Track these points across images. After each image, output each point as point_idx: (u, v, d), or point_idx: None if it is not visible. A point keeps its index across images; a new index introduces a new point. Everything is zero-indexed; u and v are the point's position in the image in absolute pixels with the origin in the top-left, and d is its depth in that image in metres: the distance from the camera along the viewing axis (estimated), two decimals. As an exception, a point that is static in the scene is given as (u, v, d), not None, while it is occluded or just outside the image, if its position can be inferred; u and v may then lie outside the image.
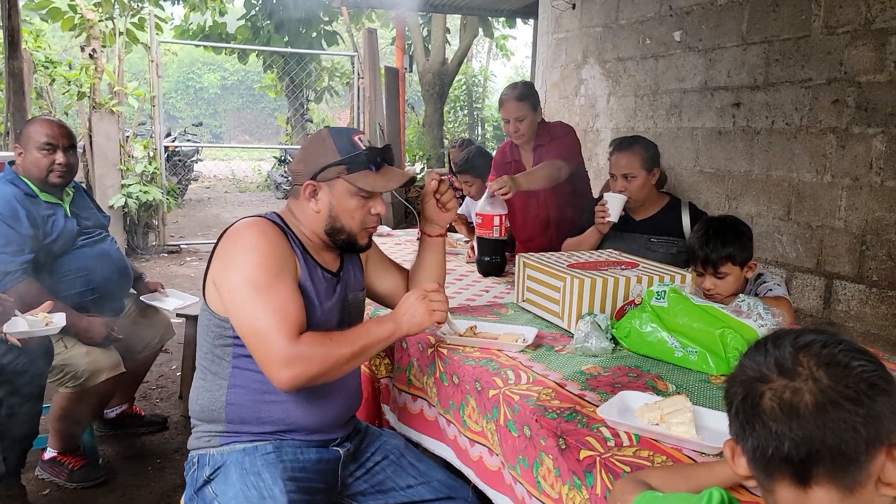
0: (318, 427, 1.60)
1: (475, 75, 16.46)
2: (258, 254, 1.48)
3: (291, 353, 1.40)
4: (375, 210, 1.61)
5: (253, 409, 1.54)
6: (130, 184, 6.32)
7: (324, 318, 1.58)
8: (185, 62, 23.41)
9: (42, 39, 6.81)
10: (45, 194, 2.55)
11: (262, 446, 1.54)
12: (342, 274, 1.68)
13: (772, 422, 0.77)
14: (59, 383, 2.46)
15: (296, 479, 1.52)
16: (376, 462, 1.70)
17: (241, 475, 1.49)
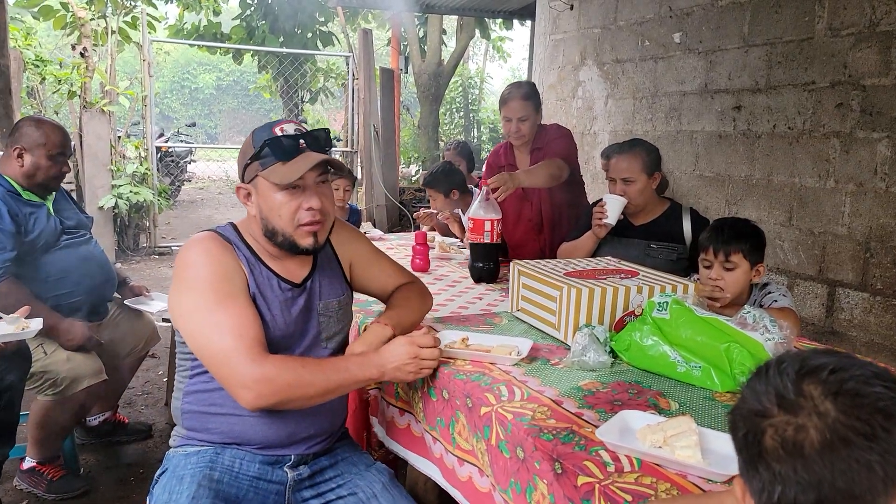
0: (264, 443, 1.52)
1: (471, 77, 16.40)
2: (203, 274, 1.43)
3: (255, 374, 1.35)
4: (307, 205, 1.46)
5: (202, 418, 1.52)
6: (121, 184, 6.23)
7: (280, 331, 1.50)
8: (180, 62, 23.30)
9: (33, 37, 6.71)
10: (28, 193, 2.48)
11: (203, 451, 1.51)
12: (308, 283, 1.58)
13: (775, 462, 0.68)
14: (38, 391, 2.38)
15: (220, 491, 1.44)
16: (340, 496, 1.57)
17: (169, 479, 1.46)
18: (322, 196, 1.50)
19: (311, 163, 1.44)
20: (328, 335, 1.59)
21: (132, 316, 2.86)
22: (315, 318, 1.57)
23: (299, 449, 1.56)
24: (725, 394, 1.46)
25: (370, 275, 1.77)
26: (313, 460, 1.61)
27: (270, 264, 1.54)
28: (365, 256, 1.77)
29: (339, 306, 1.63)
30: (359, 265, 1.76)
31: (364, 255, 1.77)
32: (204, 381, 1.51)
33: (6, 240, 2.34)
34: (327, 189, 1.53)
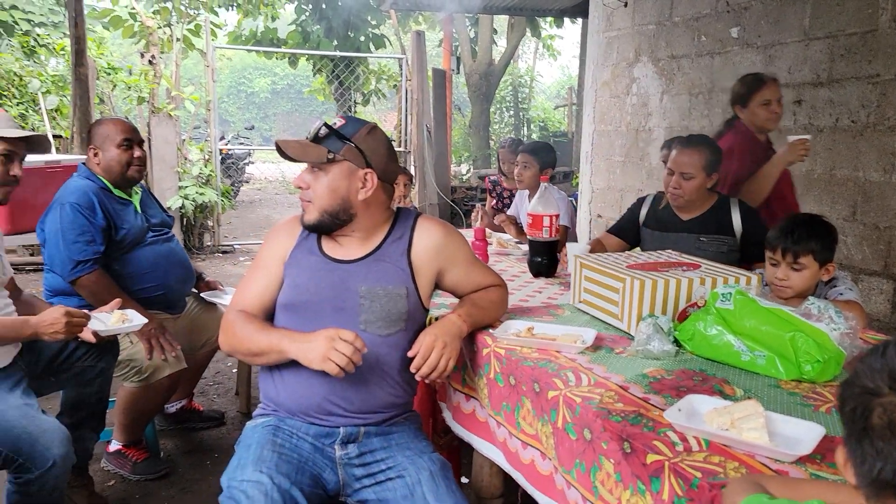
0: (299, 409, 1.66)
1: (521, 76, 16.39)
2: (261, 247, 1.82)
3: (224, 320, 1.72)
4: (296, 182, 1.73)
5: (263, 384, 1.76)
6: (187, 186, 6.49)
7: (305, 294, 1.68)
8: (237, 67, 23.94)
9: (104, 47, 7.04)
10: (118, 190, 2.65)
11: (267, 421, 1.69)
12: (353, 264, 1.70)
13: (880, 440, 0.70)
14: (124, 378, 2.53)
15: (283, 454, 1.58)
16: (388, 477, 1.64)
17: (239, 447, 1.65)
18: (308, 178, 1.67)
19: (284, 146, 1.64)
20: (368, 319, 1.65)
21: (207, 309, 3.01)
22: (354, 299, 1.66)
23: (344, 422, 1.65)
24: (790, 382, 1.49)
25: (459, 281, 1.83)
26: (364, 438, 1.67)
27: (325, 241, 1.74)
28: (461, 264, 1.81)
29: (385, 294, 1.67)
30: (449, 270, 1.79)
31: (456, 262, 1.80)
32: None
33: (97, 234, 2.50)
34: (318, 175, 1.66)
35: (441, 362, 1.61)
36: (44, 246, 2.56)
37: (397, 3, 7.74)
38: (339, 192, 1.65)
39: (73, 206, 2.47)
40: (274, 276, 1.73)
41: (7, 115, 2.15)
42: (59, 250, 2.47)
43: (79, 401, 2.31)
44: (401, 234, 1.75)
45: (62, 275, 2.49)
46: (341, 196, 1.65)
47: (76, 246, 2.46)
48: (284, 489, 1.47)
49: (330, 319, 1.64)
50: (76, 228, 2.46)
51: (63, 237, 2.46)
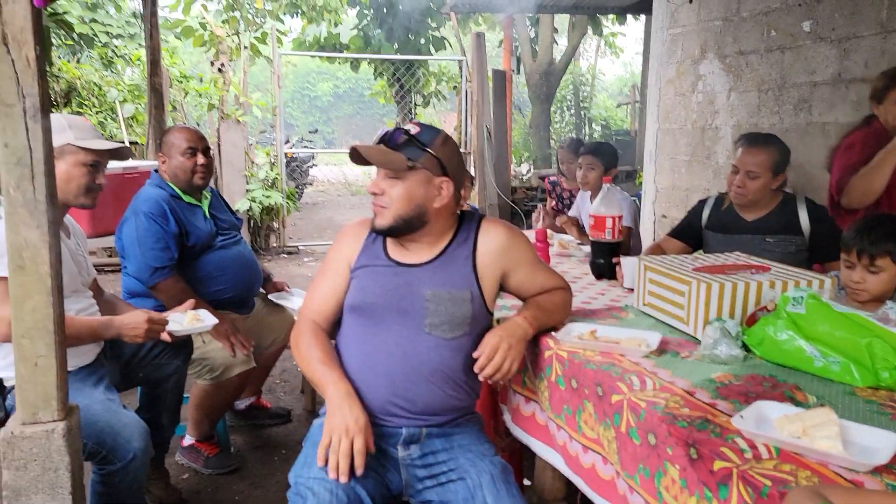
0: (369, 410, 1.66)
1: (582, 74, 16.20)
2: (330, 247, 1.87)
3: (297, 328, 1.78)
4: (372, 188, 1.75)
5: None
6: (254, 189, 6.69)
7: (371, 297, 1.72)
8: (300, 72, 24.50)
9: (176, 56, 7.33)
10: (188, 196, 2.76)
11: None
12: (419, 268, 1.72)
13: None
14: (197, 375, 2.64)
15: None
16: (450, 479, 1.65)
17: (306, 445, 1.70)
18: (383, 185, 1.68)
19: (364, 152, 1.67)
20: (433, 322, 1.67)
21: (274, 310, 3.11)
22: (420, 302, 1.67)
23: (407, 423, 1.67)
24: (867, 389, 1.43)
25: (522, 283, 1.83)
26: (426, 440, 1.69)
27: (391, 245, 1.76)
28: (521, 265, 1.81)
29: (450, 298, 1.68)
30: (513, 272, 1.80)
31: (521, 264, 1.81)
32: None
33: (171, 241, 2.62)
34: (394, 182, 1.67)
35: (505, 364, 1.62)
36: (122, 254, 2.68)
37: (457, 6, 7.77)
38: (415, 199, 1.67)
39: (147, 216, 2.59)
40: (341, 280, 1.77)
41: (91, 126, 2.27)
42: (137, 258, 2.59)
43: (155, 397, 2.42)
44: (465, 237, 1.77)
45: (141, 281, 2.61)
46: (417, 203, 1.67)
47: (152, 253, 2.57)
48: (350, 487, 1.50)
49: (395, 323, 1.67)
50: (151, 236, 2.58)
51: (140, 245, 2.58)
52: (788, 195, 2.53)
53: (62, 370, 1.74)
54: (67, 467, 1.74)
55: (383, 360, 1.67)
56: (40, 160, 1.64)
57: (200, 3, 7.30)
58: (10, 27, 1.58)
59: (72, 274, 2.12)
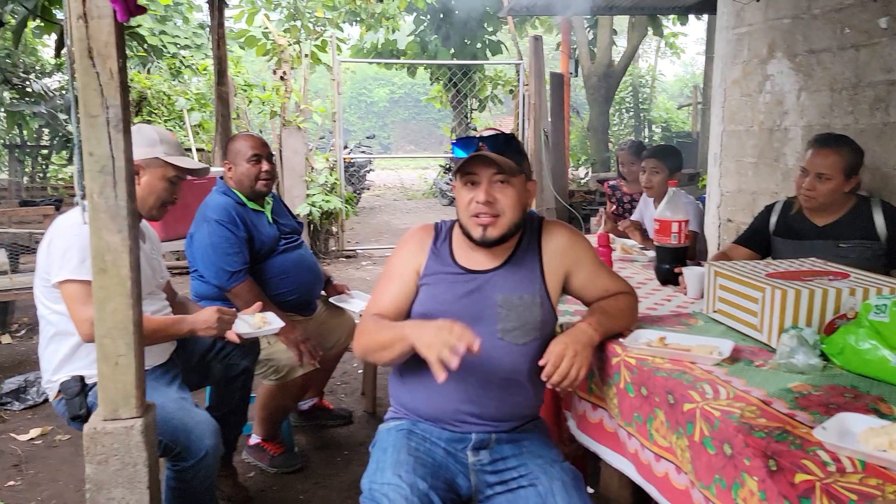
0: (433, 415, 1.70)
1: (642, 76, 15.92)
2: (392, 253, 1.84)
3: (360, 324, 1.75)
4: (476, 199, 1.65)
5: (395, 388, 1.81)
6: (314, 193, 6.81)
7: (442, 306, 1.69)
8: (358, 79, 24.89)
9: (241, 66, 7.54)
10: (252, 203, 2.83)
11: (401, 424, 1.74)
12: (490, 274, 1.71)
13: None
14: (263, 376, 2.70)
15: (419, 458, 1.61)
16: (521, 485, 1.64)
17: (375, 451, 1.70)
18: (495, 193, 1.63)
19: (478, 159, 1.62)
20: (505, 328, 1.67)
21: (335, 312, 3.16)
22: (492, 308, 1.68)
23: (476, 429, 1.68)
24: (957, 402, 1.36)
25: (585, 286, 1.81)
26: (495, 446, 1.69)
27: (457, 251, 1.75)
28: (584, 266, 1.80)
29: (520, 302, 1.69)
30: (576, 274, 1.79)
31: (584, 266, 1.79)
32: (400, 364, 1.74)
33: (242, 245, 2.69)
34: (505, 188, 1.64)
35: (573, 371, 1.60)
36: (193, 260, 2.76)
37: (514, 9, 7.75)
38: (521, 203, 1.68)
39: (218, 223, 2.66)
40: (408, 287, 1.75)
41: (178, 143, 2.34)
42: (213, 264, 2.66)
43: (224, 396, 2.49)
44: (529, 240, 1.77)
45: (219, 285, 2.67)
46: (522, 208, 1.69)
47: (228, 259, 2.65)
48: (422, 492, 1.51)
49: (471, 328, 1.67)
50: (226, 242, 2.65)
51: (214, 251, 2.65)
52: (862, 198, 2.43)
53: (140, 369, 1.81)
54: (145, 462, 1.81)
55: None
56: (122, 168, 1.72)
57: (263, 14, 7.50)
58: (95, 41, 1.66)
59: (147, 277, 2.20)
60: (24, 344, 4.53)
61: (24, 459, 2.94)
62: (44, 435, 3.18)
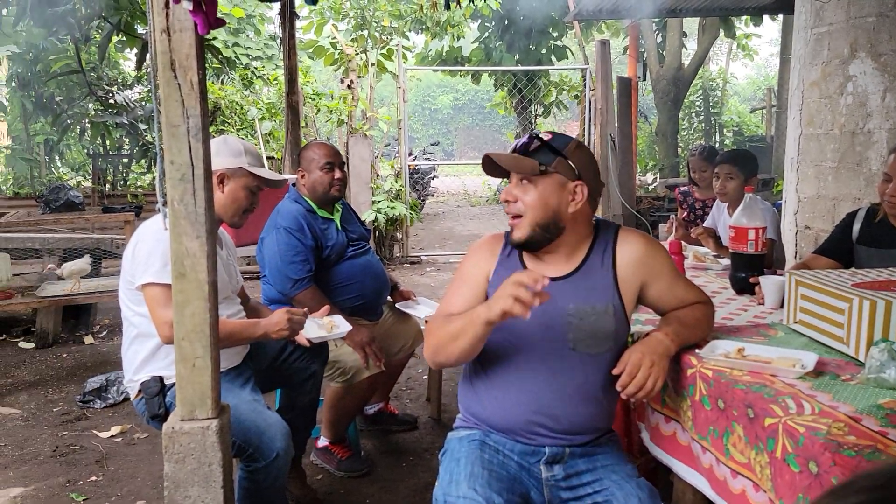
0: (505, 426, 1.67)
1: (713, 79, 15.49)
2: (462, 262, 1.82)
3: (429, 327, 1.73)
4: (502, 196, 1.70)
5: (465, 398, 1.78)
6: (379, 200, 6.90)
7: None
8: (422, 86, 25.15)
9: (310, 75, 7.72)
10: (322, 210, 2.89)
11: (473, 434, 1.71)
12: (562, 282, 1.67)
13: None
14: (331, 378, 2.75)
15: (493, 471, 1.58)
16: (595, 501, 1.62)
17: (448, 461, 1.66)
18: (516, 192, 1.65)
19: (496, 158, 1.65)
20: (577, 338, 1.63)
21: (401, 318, 3.18)
22: (563, 317, 1.64)
23: (549, 442, 1.65)
24: None
25: (661, 296, 1.76)
26: (569, 460, 1.66)
27: (527, 258, 1.73)
28: (661, 276, 1.75)
29: (594, 313, 1.65)
30: (652, 285, 1.74)
31: (660, 276, 1.75)
32: (472, 363, 1.75)
33: (309, 254, 2.75)
34: (527, 188, 1.64)
35: (649, 382, 1.55)
36: (263, 266, 2.84)
37: (581, 14, 7.68)
38: (550, 204, 1.64)
39: (287, 231, 2.73)
40: (479, 293, 1.72)
41: (259, 154, 2.43)
42: (278, 270, 2.74)
43: (294, 399, 2.54)
44: (603, 247, 1.72)
45: (283, 292, 2.75)
46: (552, 209, 1.64)
47: (293, 266, 2.71)
48: None
49: (538, 339, 1.65)
50: (291, 250, 2.71)
51: (281, 258, 2.72)
52: None
53: (216, 371, 1.87)
54: (220, 462, 1.86)
55: (529, 378, 1.65)
56: (201, 176, 1.78)
57: (332, 24, 7.67)
58: (177, 54, 1.72)
59: (223, 281, 2.27)
60: (106, 345, 4.74)
61: (106, 456, 3.07)
62: (123, 433, 3.32)
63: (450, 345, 1.60)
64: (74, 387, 3.89)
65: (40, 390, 3.89)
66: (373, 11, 7.42)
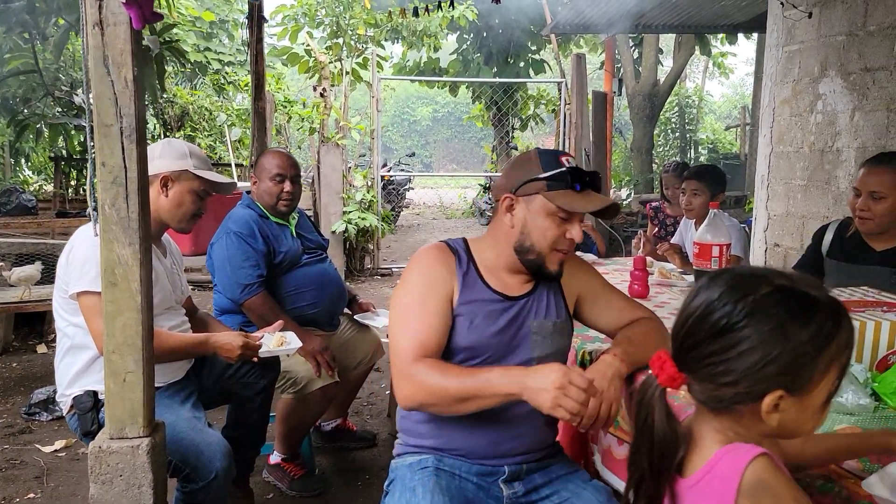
0: (469, 451, 1.57)
1: (689, 96, 15.65)
2: (414, 278, 1.58)
3: (406, 372, 1.46)
4: (570, 234, 1.54)
5: (412, 423, 1.64)
6: (350, 211, 6.81)
7: (481, 339, 1.56)
8: (401, 97, 25.11)
9: (282, 82, 7.63)
10: (275, 217, 2.80)
11: (424, 460, 1.59)
12: (524, 300, 1.61)
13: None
14: (282, 389, 2.65)
15: (453, 497, 1.50)
16: None
17: (402, 491, 1.54)
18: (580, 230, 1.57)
19: (603, 203, 1.52)
20: (541, 355, 1.60)
21: (360, 330, 3.09)
22: (528, 337, 1.60)
23: (509, 461, 1.59)
24: None
25: (599, 309, 1.72)
26: (527, 476, 1.62)
27: (487, 277, 1.62)
28: (595, 290, 1.72)
29: (554, 328, 1.62)
30: (588, 299, 1.71)
31: (594, 289, 1.72)
32: None
33: (260, 259, 2.66)
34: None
35: (602, 409, 1.45)
36: (212, 272, 2.75)
37: (558, 27, 7.68)
38: None
39: (237, 235, 2.65)
40: (448, 318, 1.55)
41: (207, 158, 2.34)
42: (227, 276, 2.65)
43: (242, 415, 2.43)
44: None
45: (232, 298, 2.66)
46: None
47: (242, 271, 2.62)
48: None
49: (505, 360, 1.57)
50: (241, 255, 2.63)
51: (230, 263, 2.64)
52: None
53: (149, 387, 1.76)
54: (150, 484, 1.75)
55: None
56: (134, 179, 1.68)
57: (306, 31, 7.58)
58: (111, 49, 1.63)
59: (166, 292, 2.17)
60: (60, 354, 4.57)
61: (47, 472, 2.93)
62: (68, 447, 3.17)
63: (453, 405, 1.43)
64: (21, 398, 3.73)
65: (-15, 401, 3.73)
66: (348, 19, 7.35)
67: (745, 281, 0.91)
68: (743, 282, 0.91)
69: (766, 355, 0.86)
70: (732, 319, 0.88)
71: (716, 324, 0.90)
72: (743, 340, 0.88)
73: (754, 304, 0.88)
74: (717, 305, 0.90)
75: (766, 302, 0.88)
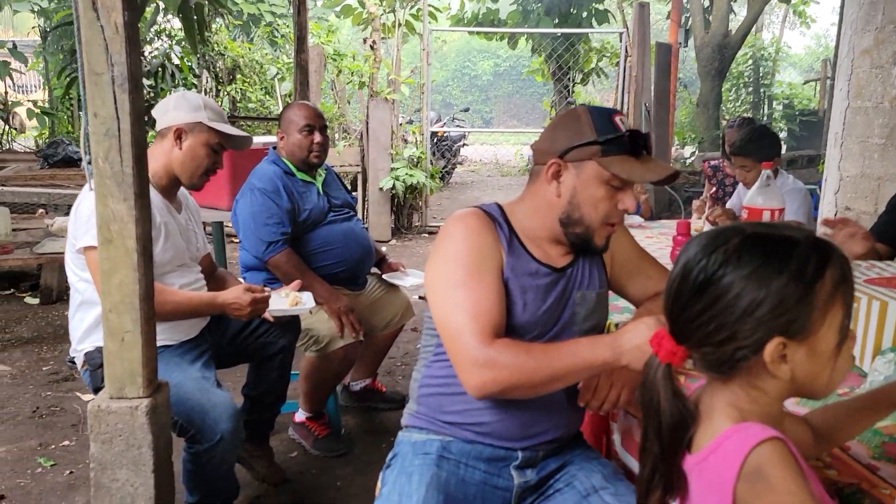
0: (495, 432, 1.43)
1: (764, 48, 14.73)
2: (457, 248, 1.38)
3: (480, 357, 1.27)
4: (623, 205, 1.37)
5: (438, 399, 1.48)
6: (398, 167, 6.70)
7: (533, 317, 1.39)
8: (462, 51, 24.62)
9: (334, 34, 7.49)
10: (301, 173, 2.73)
11: (431, 442, 1.46)
12: (570, 270, 1.46)
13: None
14: (305, 347, 2.61)
15: (448, 494, 1.38)
16: (556, 489, 1.47)
17: (398, 474, 1.44)
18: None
19: (665, 172, 1.35)
20: (581, 328, 1.46)
21: (389, 290, 3.01)
22: (570, 308, 1.46)
23: (528, 443, 1.46)
24: None
25: (632, 277, 1.59)
26: (542, 461, 1.50)
27: (530, 247, 1.45)
28: (630, 256, 1.58)
29: (597, 299, 1.49)
30: (620, 264, 1.57)
31: (629, 254, 1.58)
32: (446, 366, 1.41)
33: (284, 216, 2.60)
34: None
35: (612, 393, 1.34)
36: (237, 228, 2.70)
37: (620, -26, 7.26)
38: None
39: (261, 192, 2.60)
40: (502, 289, 1.39)
41: (221, 110, 2.28)
42: (252, 233, 2.61)
43: (261, 375, 2.40)
44: None
45: (256, 255, 2.62)
46: None
47: (266, 228, 2.57)
48: None
49: (553, 335, 1.44)
50: (265, 212, 2.58)
51: (254, 220, 2.59)
52: None
53: (148, 346, 1.72)
54: (150, 445, 1.72)
55: None
56: (128, 131, 1.60)
57: (360, -18, 7.40)
58: (99, -8, 1.54)
59: (178, 248, 2.12)
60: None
61: (83, 420, 3.00)
62: (105, 396, 3.24)
63: (540, 387, 1.29)
64: (69, 345, 3.84)
65: (35, 348, 3.86)
66: (403, -31, 7.12)
67: (719, 234, 0.90)
68: (716, 235, 0.90)
69: (753, 301, 0.84)
70: (709, 272, 0.87)
71: (695, 281, 0.88)
72: (725, 291, 0.86)
73: (726, 253, 0.87)
74: (692, 263, 0.89)
75: (739, 248, 0.87)
